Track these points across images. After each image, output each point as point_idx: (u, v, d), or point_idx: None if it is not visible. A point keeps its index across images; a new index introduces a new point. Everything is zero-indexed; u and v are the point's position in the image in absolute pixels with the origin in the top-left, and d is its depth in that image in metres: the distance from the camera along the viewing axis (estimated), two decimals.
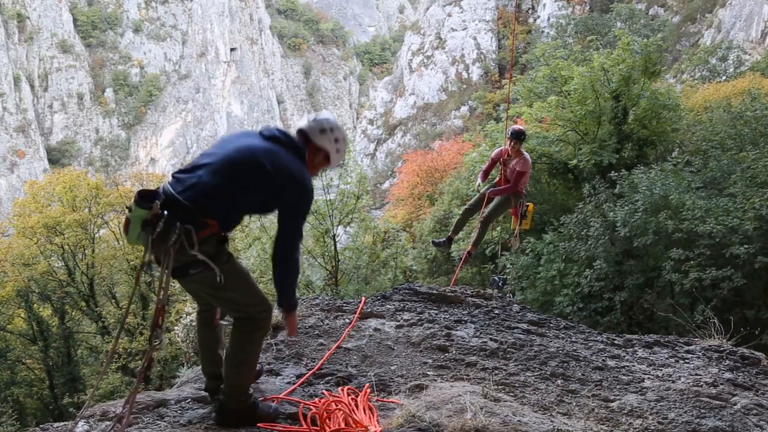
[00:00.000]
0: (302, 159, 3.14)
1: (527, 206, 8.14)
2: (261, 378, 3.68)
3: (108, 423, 3.20)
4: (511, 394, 3.64)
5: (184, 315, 10.86)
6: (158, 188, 3.04)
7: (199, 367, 3.89)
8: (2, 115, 72.48)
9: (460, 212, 8.32)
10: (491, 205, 7.87)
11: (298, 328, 3.45)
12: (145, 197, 2.91)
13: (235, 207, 3.06)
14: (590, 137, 13.90)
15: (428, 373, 3.88)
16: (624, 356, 4.52)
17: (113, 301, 20.31)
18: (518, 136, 7.66)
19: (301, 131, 3.24)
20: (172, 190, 2.98)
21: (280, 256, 3.09)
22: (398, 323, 4.69)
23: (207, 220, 2.98)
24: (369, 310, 4.93)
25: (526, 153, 7.88)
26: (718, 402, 3.70)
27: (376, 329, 4.55)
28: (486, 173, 8.02)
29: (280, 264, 3.10)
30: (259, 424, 3.15)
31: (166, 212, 2.88)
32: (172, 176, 3.09)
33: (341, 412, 3.12)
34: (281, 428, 3.14)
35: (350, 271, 12.74)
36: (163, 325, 3.07)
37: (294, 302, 3.19)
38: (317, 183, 12.47)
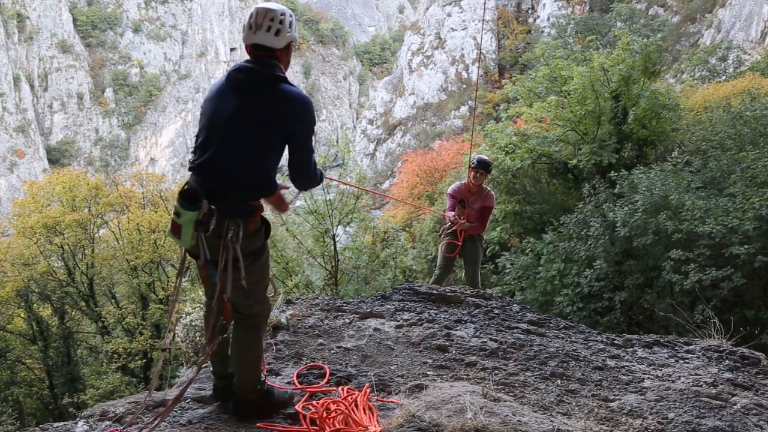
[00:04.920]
0: (279, 74, 2.99)
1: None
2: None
3: (107, 423, 3.20)
4: (511, 394, 3.64)
5: (184, 315, 10.86)
6: (189, 186, 2.96)
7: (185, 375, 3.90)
8: (2, 115, 72.43)
9: (432, 279, 7.04)
10: (468, 267, 6.90)
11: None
12: (190, 198, 2.84)
13: (264, 169, 3.01)
14: (590, 137, 13.89)
15: (428, 373, 3.88)
16: (624, 356, 4.52)
17: (113, 301, 20.32)
18: (486, 167, 6.71)
19: (260, 47, 3.00)
20: (210, 183, 2.92)
21: (302, 184, 3.18)
22: (398, 323, 4.69)
23: (252, 203, 2.99)
24: (369, 310, 4.93)
25: (489, 187, 6.99)
26: (717, 402, 3.70)
27: (376, 329, 4.54)
28: (452, 210, 6.93)
29: (306, 188, 3.26)
30: (259, 424, 3.16)
31: (214, 208, 2.86)
32: (196, 168, 3.00)
33: (341, 412, 3.12)
34: (281, 428, 3.14)
35: (350, 271, 12.72)
36: (230, 319, 3.11)
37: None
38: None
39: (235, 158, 2.93)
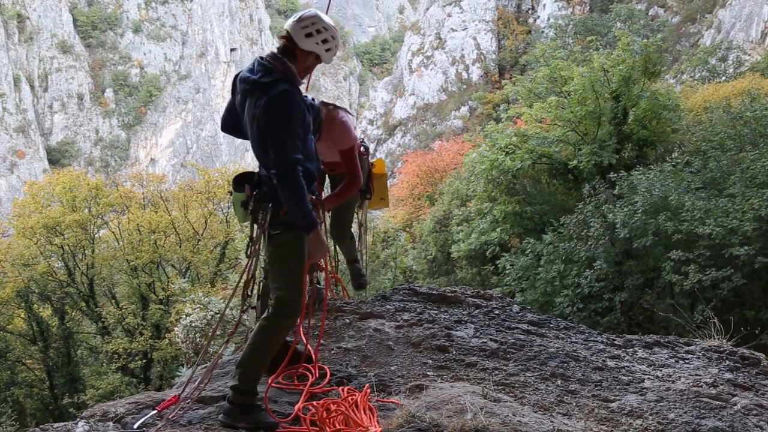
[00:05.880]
0: (288, 73, 3.15)
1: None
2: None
3: (108, 423, 3.20)
4: (511, 394, 3.64)
5: (184, 316, 10.84)
6: (245, 171, 3.35)
7: (200, 367, 3.89)
8: (2, 116, 72.44)
9: None
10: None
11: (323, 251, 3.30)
12: (237, 181, 3.24)
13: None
14: (590, 138, 13.89)
15: (428, 373, 3.88)
16: (624, 356, 4.52)
17: (113, 301, 20.31)
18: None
19: (287, 36, 3.24)
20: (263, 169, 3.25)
21: (274, 175, 3.10)
22: (398, 323, 4.68)
23: None
24: (369, 310, 4.93)
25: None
26: (718, 402, 3.70)
27: (376, 329, 4.54)
28: None
29: (277, 183, 3.08)
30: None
31: (255, 192, 3.17)
32: None
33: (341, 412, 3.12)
34: (280, 428, 3.14)
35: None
36: (253, 294, 3.31)
37: (308, 220, 3.11)
38: None
39: (257, 151, 3.25)
